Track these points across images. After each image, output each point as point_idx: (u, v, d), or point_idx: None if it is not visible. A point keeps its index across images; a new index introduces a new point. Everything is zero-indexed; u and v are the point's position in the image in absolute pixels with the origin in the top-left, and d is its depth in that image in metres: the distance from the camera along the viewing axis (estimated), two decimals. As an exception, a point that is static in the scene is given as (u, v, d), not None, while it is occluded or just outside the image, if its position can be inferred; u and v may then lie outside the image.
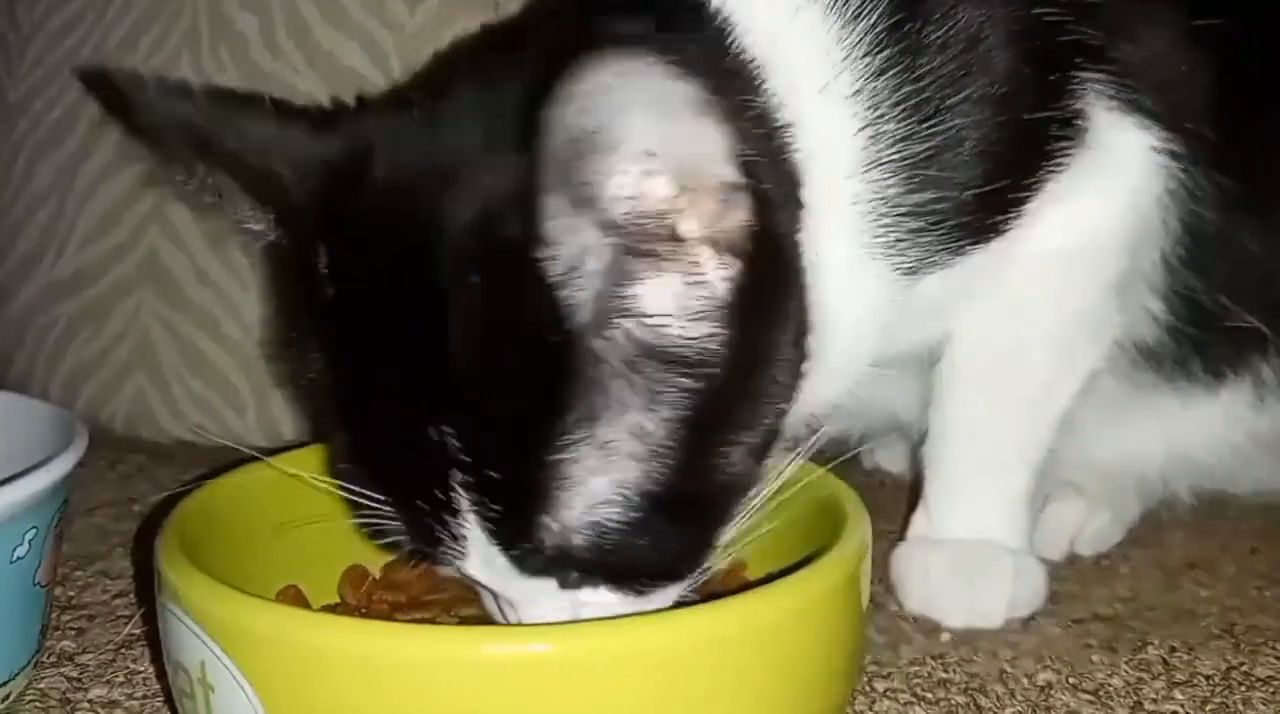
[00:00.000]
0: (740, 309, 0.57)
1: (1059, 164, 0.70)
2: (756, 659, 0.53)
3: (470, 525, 0.56)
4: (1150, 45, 0.72)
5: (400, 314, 0.56)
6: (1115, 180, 0.72)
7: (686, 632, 0.52)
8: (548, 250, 0.53)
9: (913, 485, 0.83)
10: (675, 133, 0.52)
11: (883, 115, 0.65)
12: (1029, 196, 0.69)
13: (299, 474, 0.64)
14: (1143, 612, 0.77)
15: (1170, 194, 0.73)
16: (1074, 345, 0.75)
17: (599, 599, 0.58)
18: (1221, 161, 0.73)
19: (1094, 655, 0.71)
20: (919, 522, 0.79)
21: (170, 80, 0.63)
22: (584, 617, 0.58)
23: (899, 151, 0.65)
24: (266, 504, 0.66)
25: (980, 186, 0.67)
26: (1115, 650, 0.72)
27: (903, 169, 0.65)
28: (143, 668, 0.68)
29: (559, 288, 0.53)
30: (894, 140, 0.65)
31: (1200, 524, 0.89)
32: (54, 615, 0.71)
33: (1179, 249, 0.75)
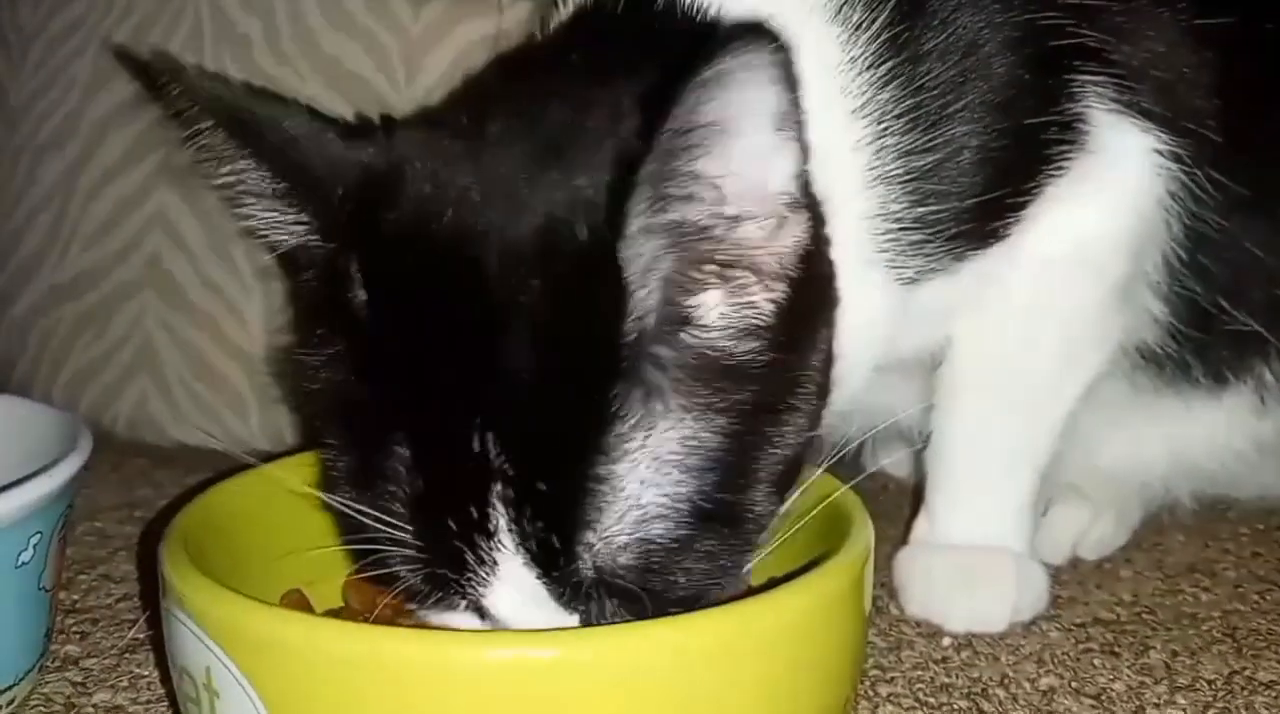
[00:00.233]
0: (789, 322, 0.57)
1: (1060, 168, 0.69)
2: (761, 664, 0.53)
3: (506, 547, 0.55)
4: (1151, 47, 0.71)
5: (446, 320, 0.55)
6: (1117, 183, 0.72)
7: (691, 637, 0.52)
8: (627, 253, 0.53)
9: (915, 489, 0.84)
10: (763, 147, 0.53)
11: (887, 128, 0.65)
12: (1030, 201, 0.69)
13: (307, 490, 0.63)
14: (1144, 616, 0.77)
15: (1172, 196, 0.73)
16: (1077, 349, 0.75)
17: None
18: (1223, 163, 0.73)
19: (1096, 660, 0.71)
20: (921, 526, 0.79)
21: (208, 70, 0.61)
22: None
23: (903, 164, 0.66)
24: (270, 509, 0.66)
25: (982, 193, 0.67)
26: (1117, 655, 0.72)
27: (907, 180, 0.66)
28: (147, 672, 0.68)
29: (631, 292, 0.53)
30: (898, 153, 0.65)
31: (1202, 528, 0.89)
32: (58, 620, 0.71)
33: (1179, 251, 0.74)
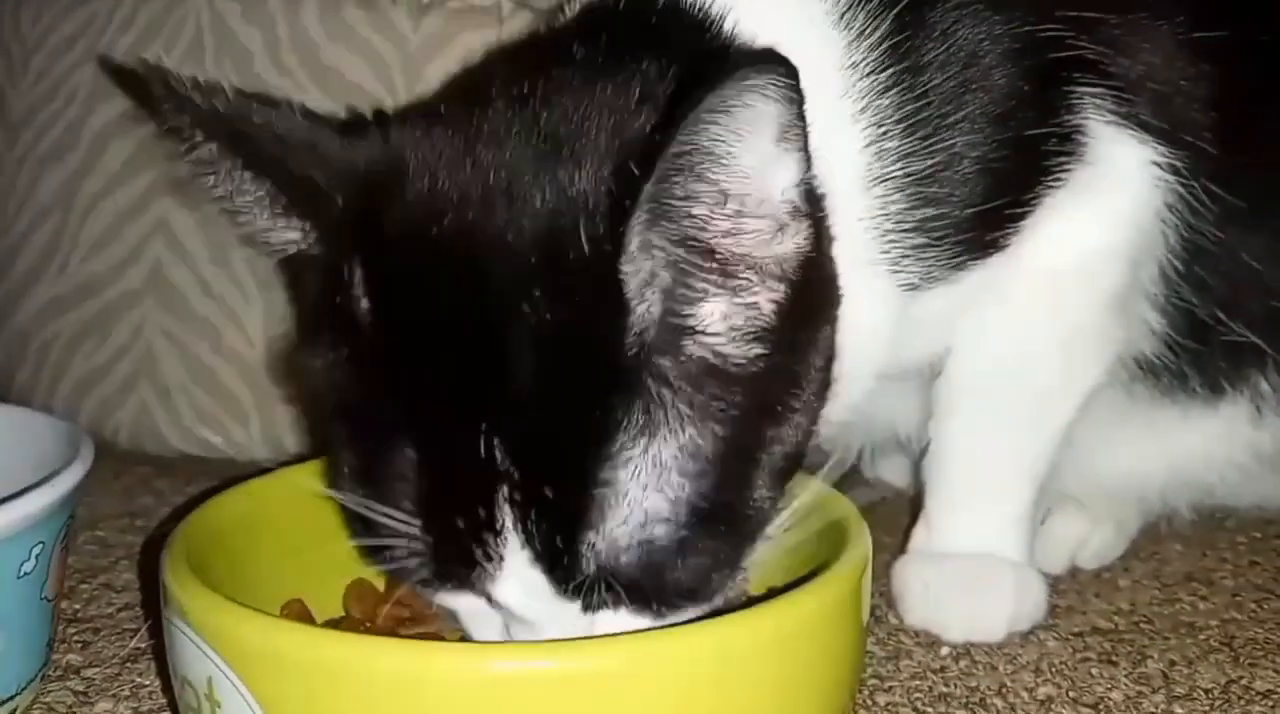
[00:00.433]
0: (790, 325, 0.58)
1: (1058, 179, 0.70)
2: (759, 674, 0.53)
3: (512, 545, 0.56)
4: (1149, 59, 0.72)
5: (450, 327, 0.55)
6: (1115, 195, 0.72)
7: (689, 648, 0.52)
8: (628, 266, 0.54)
9: (914, 498, 0.84)
10: (766, 159, 0.54)
11: (886, 133, 0.65)
12: (1029, 212, 0.70)
13: (326, 492, 0.63)
14: (1142, 625, 0.77)
15: (1170, 208, 0.73)
16: (1075, 360, 0.75)
17: (618, 621, 0.58)
18: (1220, 176, 0.73)
19: (1093, 669, 0.71)
20: (920, 535, 0.79)
21: (199, 80, 0.60)
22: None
23: (902, 169, 0.66)
24: (271, 519, 0.67)
25: (981, 203, 0.67)
26: (1115, 664, 0.72)
27: (906, 186, 0.66)
28: (148, 682, 0.69)
29: (633, 303, 0.54)
30: (897, 158, 0.66)
31: (1199, 537, 0.89)
32: (60, 629, 0.71)
33: (1177, 263, 0.75)
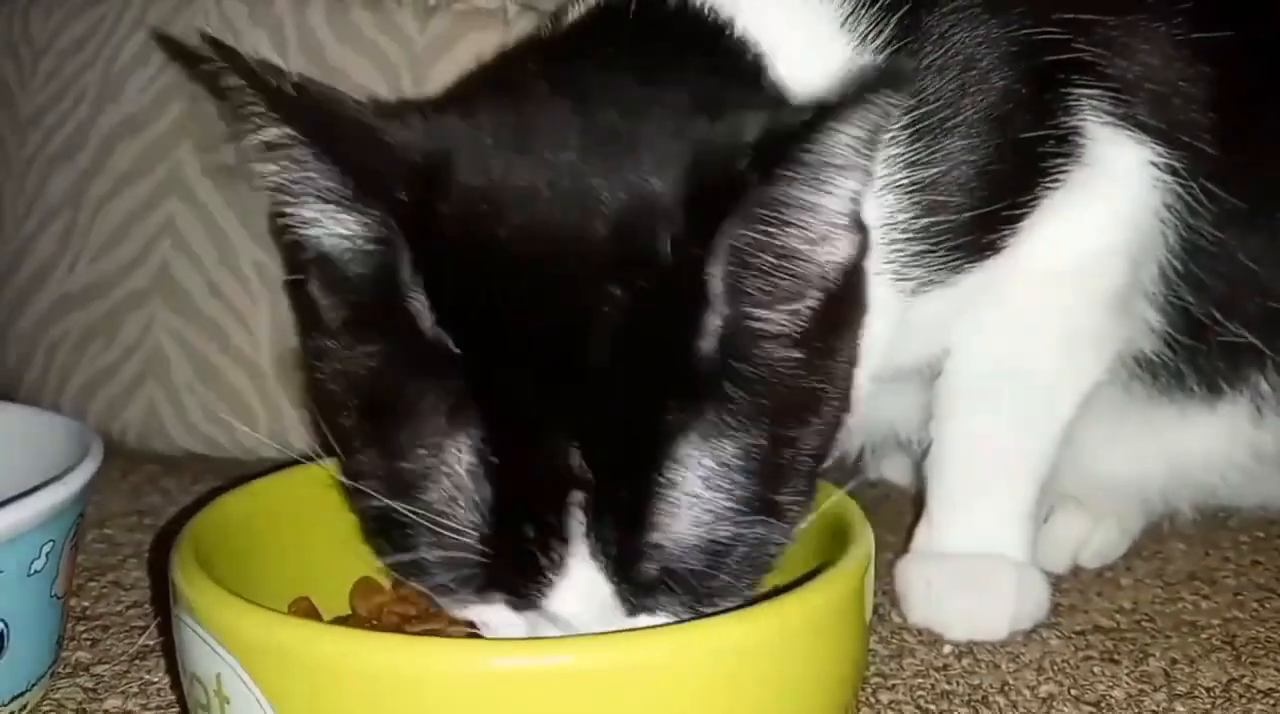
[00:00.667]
0: (831, 330, 0.59)
1: (1056, 181, 0.70)
2: (763, 672, 0.53)
3: (579, 553, 0.56)
4: (1147, 60, 0.72)
5: (521, 328, 0.55)
6: (1113, 196, 0.72)
7: (694, 645, 0.52)
8: (712, 271, 0.54)
9: (916, 497, 0.84)
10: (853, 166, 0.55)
11: (893, 138, 0.66)
12: (1028, 214, 0.70)
13: (333, 487, 0.63)
14: (1144, 624, 0.77)
15: (1168, 208, 0.73)
16: (1075, 359, 0.76)
17: (654, 621, 0.58)
18: (1218, 176, 0.73)
19: (1095, 667, 0.72)
20: (922, 534, 0.79)
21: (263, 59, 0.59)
22: None
23: (907, 176, 0.66)
24: (278, 517, 0.67)
25: (980, 206, 0.68)
26: (1117, 662, 0.72)
27: (910, 192, 0.66)
28: (157, 678, 0.69)
29: (715, 305, 0.55)
30: (904, 163, 0.66)
31: (1201, 536, 0.90)
32: (69, 626, 0.72)
33: (1175, 263, 0.75)
